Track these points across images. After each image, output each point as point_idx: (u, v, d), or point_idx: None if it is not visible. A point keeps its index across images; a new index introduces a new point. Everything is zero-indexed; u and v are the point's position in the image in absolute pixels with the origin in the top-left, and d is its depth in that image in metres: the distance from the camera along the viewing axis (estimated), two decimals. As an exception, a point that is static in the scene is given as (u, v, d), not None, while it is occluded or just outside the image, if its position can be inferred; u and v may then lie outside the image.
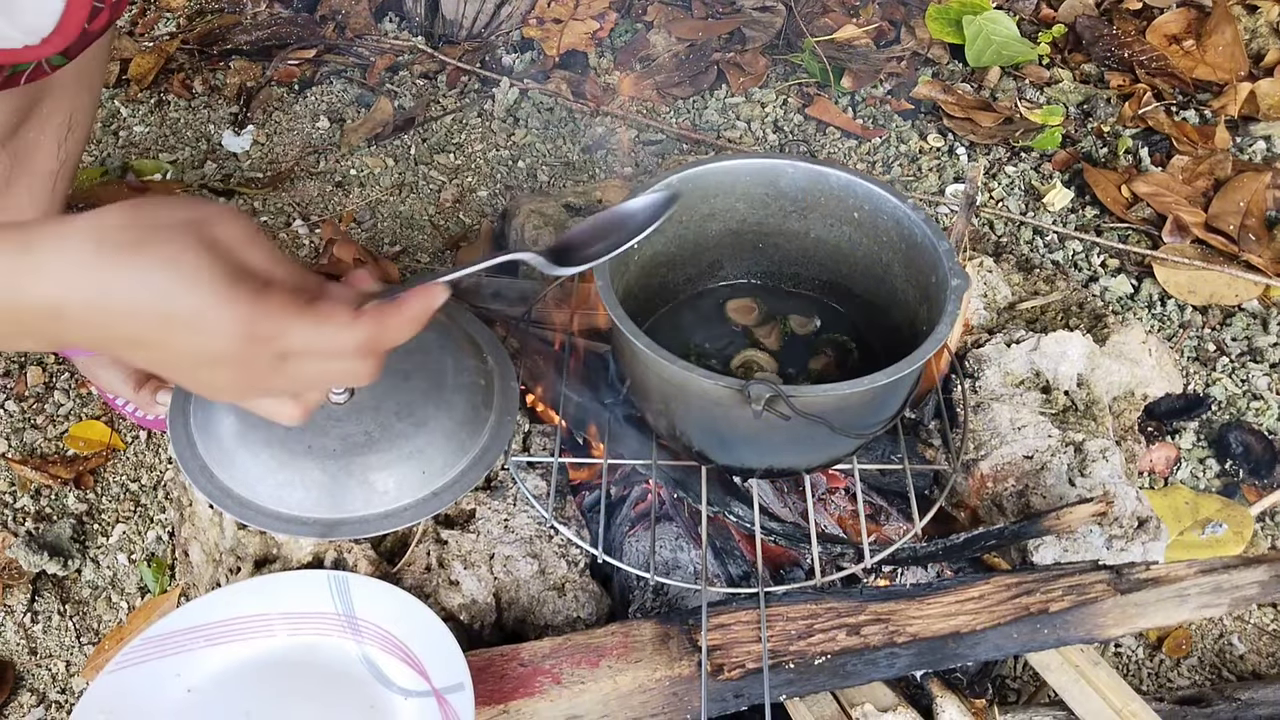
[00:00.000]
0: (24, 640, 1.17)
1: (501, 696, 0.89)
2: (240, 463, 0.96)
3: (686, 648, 0.92)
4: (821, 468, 1.04)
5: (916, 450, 1.12)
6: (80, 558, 1.23)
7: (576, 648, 0.92)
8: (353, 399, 0.97)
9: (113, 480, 1.30)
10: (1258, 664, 1.17)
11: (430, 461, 0.97)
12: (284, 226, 1.59)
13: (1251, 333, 1.49)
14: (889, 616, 0.93)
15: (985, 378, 1.17)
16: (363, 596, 0.94)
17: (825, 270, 1.11)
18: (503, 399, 1.05)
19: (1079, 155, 1.74)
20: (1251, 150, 1.74)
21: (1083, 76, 1.90)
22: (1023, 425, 1.12)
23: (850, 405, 0.88)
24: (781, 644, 0.92)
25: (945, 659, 0.92)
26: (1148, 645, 1.18)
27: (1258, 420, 1.38)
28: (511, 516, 1.05)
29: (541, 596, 1.02)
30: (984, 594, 0.94)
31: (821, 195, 1.05)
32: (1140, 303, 1.53)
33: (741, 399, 0.84)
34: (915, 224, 0.99)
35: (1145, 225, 1.62)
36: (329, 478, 0.94)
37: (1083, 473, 1.08)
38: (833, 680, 0.91)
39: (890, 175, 1.71)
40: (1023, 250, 1.53)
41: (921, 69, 1.89)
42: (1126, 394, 1.23)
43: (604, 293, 0.90)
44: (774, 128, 1.79)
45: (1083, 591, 0.94)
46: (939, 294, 0.94)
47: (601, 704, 0.90)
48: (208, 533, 1.04)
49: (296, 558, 0.99)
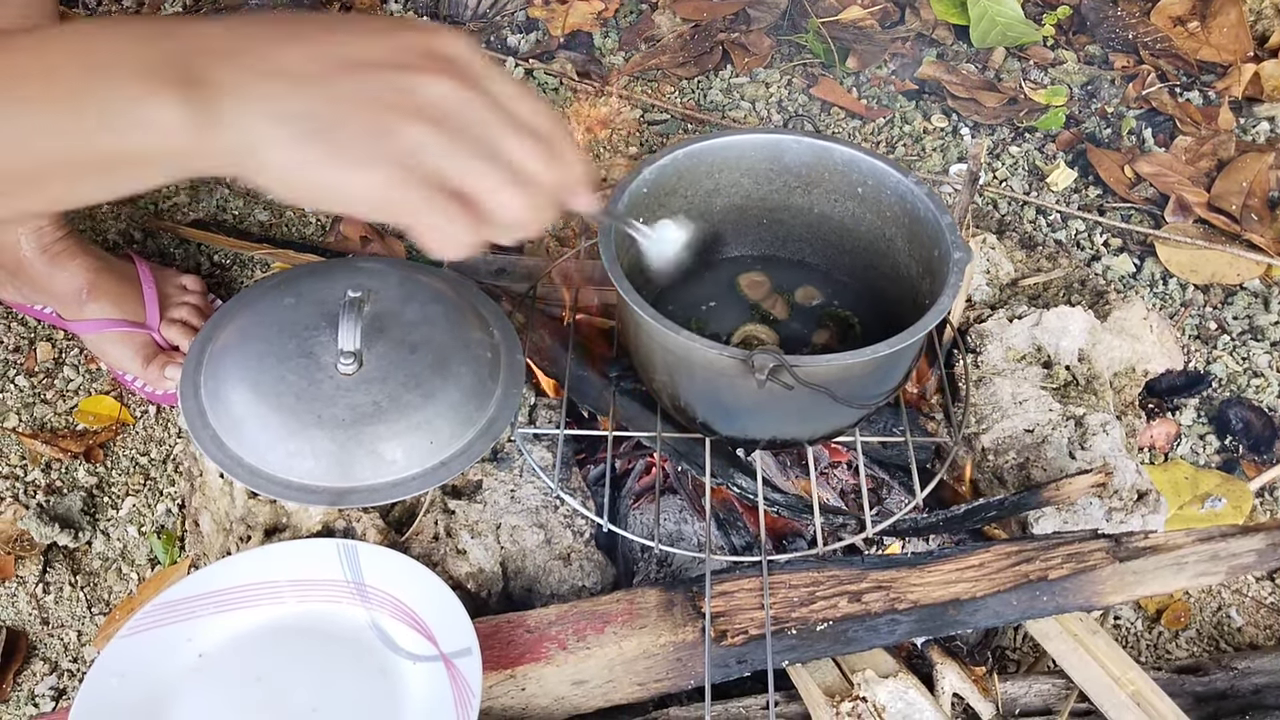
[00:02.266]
0: (36, 610, 1.18)
1: (509, 662, 0.91)
2: (250, 432, 0.97)
3: (690, 614, 0.93)
4: (824, 439, 1.05)
5: (918, 424, 1.13)
6: (91, 530, 1.24)
7: (582, 614, 0.94)
8: (361, 370, 0.98)
9: (122, 454, 1.31)
10: (1255, 636, 1.19)
11: (438, 432, 0.99)
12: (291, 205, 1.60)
13: (1253, 311, 1.49)
14: (890, 584, 0.94)
15: (987, 352, 1.18)
16: (372, 564, 0.95)
17: (829, 245, 1.11)
18: (509, 372, 1.06)
19: (1082, 136, 1.75)
20: (1255, 131, 1.74)
21: (1087, 58, 1.90)
22: (1024, 399, 1.13)
23: (853, 376, 0.89)
24: (784, 611, 0.93)
25: (945, 626, 0.93)
26: (1146, 618, 1.19)
27: (1258, 397, 1.39)
28: (518, 487, 1.06)
29: (547, 566, 1.03)
30: (984, 562, 0.95)
31: (825, 170, 1.06)
32: (1142, 281, 1.53)
33: (745, 369, 0.85)
34: (918, 198, 1.00)
35: (1148, 205, 1.63)
36: (338, 447, 0.95)
37: (1083, 446, 1.09)
38: (834, 647, 0.93)
39: (894, 155, 1.71)
40: (1026, 228, 1.53)
41: (926, 50, 1.89)
42: (1127, 370, 1.24)
43: (609, 265, 0.91)
44: (778, 108, 1.80)
45: (1082, 559, 0.95)
46: (941, 267, 0.95)
47: (607, 669, 0.92)
48: (218, 502, 1.06)
49: (306, 526, 1.00)
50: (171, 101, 0.50)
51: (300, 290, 1.06)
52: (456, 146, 0.53)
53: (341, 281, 1.03)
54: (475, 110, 0.54)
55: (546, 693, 0.91)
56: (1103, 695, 0.93)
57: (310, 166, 0.52)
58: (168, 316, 1.32)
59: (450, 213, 0.54)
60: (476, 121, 0.54)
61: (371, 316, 1.01)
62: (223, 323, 1.06)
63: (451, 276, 1.14)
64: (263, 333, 1.02)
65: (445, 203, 0.54)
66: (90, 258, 1.31)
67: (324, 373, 0.98)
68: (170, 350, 1.32)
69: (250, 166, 0.52)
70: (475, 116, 0.54)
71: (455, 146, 0.53)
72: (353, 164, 0.52)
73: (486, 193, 0.55)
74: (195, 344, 1.06)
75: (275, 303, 1.05)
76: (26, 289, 1.34)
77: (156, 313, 1.31)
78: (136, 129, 0.50)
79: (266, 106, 0.51)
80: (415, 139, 0.52)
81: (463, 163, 0.54)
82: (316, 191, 0.53)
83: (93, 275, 1.30)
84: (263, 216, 1.57)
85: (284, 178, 0.52)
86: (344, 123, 0.51)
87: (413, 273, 1.10)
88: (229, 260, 1.50)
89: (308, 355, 0.99)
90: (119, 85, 0.50)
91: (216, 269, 1.49)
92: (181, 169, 0.53)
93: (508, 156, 0.55)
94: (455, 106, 0.53)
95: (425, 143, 0.52)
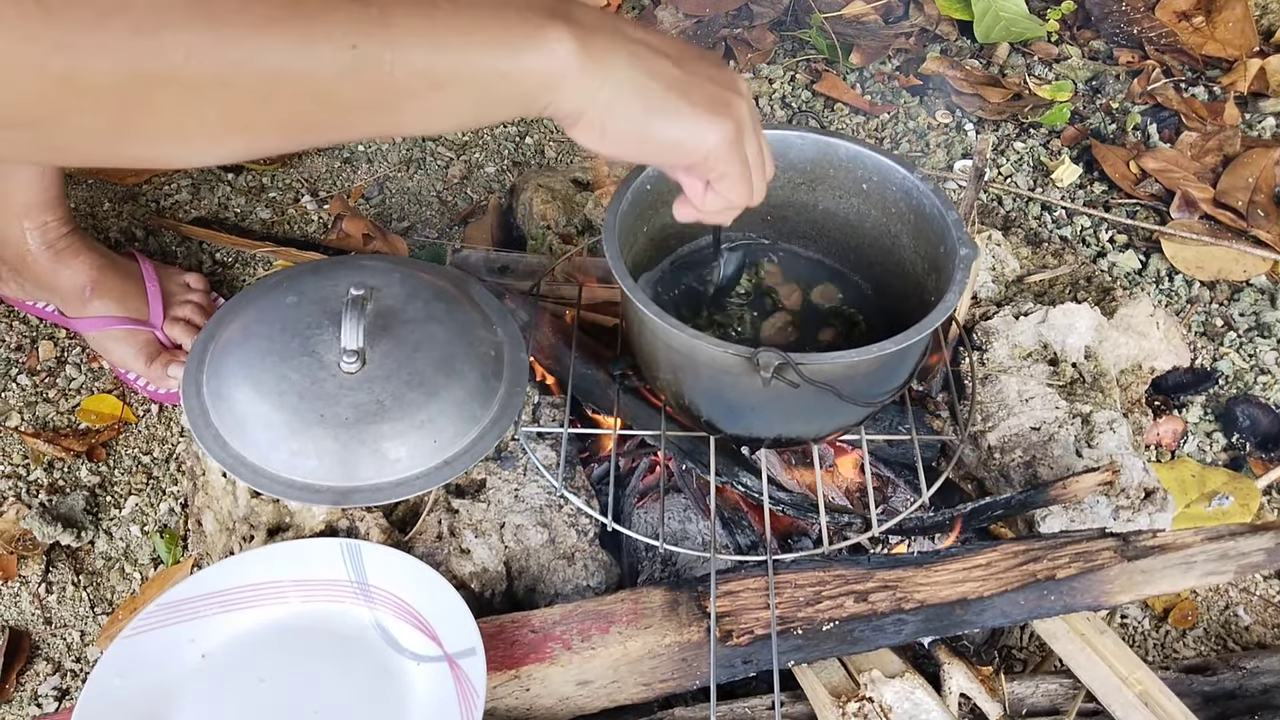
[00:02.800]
0: (39, 610, 1.18)
1: (513, 662, 0.90)
2: (253, 432, 0.97)
3: (695, 614, 0.93)
4: (829, 437, 1.05)
5: (924, 422, 1.13)
6: (93, 529, 1.24)
7: (587, 614, 0.93)
8: (365, 368, 0.98)
9: (125, 453, 1.31)
10: (1263, 635, 1.18)
11: (441, 431, 0.98)
12: (293, 202, 1.59)
13: (1259, 308, 1.49)
14: (896, 583, 0.94)
15: (993, 350, 1.17)
16: (375, 564, 0.94)
17: (834, 242, 1.11)
18: (512, 370, 1.05)
19: (1087, 131, 1.74)
20: (1261, 127, 1.73)
21: (1091, 53, 1.89)
22: (1030, 397, 1.12)
23: (858, 373, 0.88)
24: (790, 610, 0.92)
25: (952, 625, 0.92)
26: (1154, 617, 1.19)
27: (1265, 394, 1.39)
28: (522, 486, 1.05)
29: (552, 565, 1.02)
30: (991, 561, 0.95)
31: (830, 166, 1.05)
32: (1148, 278, 1.53)
33: (750, 367, 0.84)
34: (923, 194, 0.99)
35: (1153, 201, 1.62)
36: (341, 446, 0.95)
37: (1090, 444, 1.09)
38: (840, 647, 0.92)
39: (899, 151, 1.71)
40: (1031, 225, 1.53)
41: (930, 45, 1.88)
42: (1134, 367, 1.23)
43: (613, 262, 0.91)
44: (782, 104, 1.79)
45: (1089, 558, 0.94)
46: (947, 264, 0.94)
47: (611, 669, 0.91)
48: (221, 501, 1.05)
49: (309, 526, 1.00)
50: (566, 36, 0.60)
51: (303, 288, 1.05)
52: (759, 133, 0.71)
53: (344, 279, 1.03)
54: (753, 107, 0.71)
55: (551, 693, 0.91)
56: (1110, 695, 0.93)
57: (666, 106, 0.64)
58: (171, 315, 1.31)
59: (747, 181, 0.70)
60: (756, 119, 0.72)
61: (374, 314, 1.01)
62: (225, 321, 1.06)
63: (454, 274, 1.14)
64: (265, 331, 1.01)
65: (747, 171, 0.69)
66: (94, 255, 1.30)
67: (327, 371, 0.98)
68: (173, 348, 1.32)
69: (597, 110, 0.63)
70: (755, 113, 0.71)
71: (759, 133, 0.71)
72: (706, 109, 0.65)
73: (760, 180, 0.72)
74: (197, 342, 1.05)
75: (278, 301, 1.04)
76: (29, 286, 1.34)
77: (160, 311, 1.31)
78: (535, 53, 0.59)
79: (635, 61, 0.62)
80: (741, 110, 0.67)
81: (759, 141, 0.71)
82: (664, 128, 0.65)
83: (96, 272, 1.29)
84: (264, 214, 1.57)
85: (640, 116, 0.64)
86: (695, 85, 0.65)
87: (415, 270, 1.09)
88: (231, 258, 1.49)
89: (310, 354, 0.99)
90: (523, 14, 0.59)
91: (219, 267, 1.49)
92: (534, 102, 0.62)
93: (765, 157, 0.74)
94: (748, 98, 0.70)
95: (744, 115, 0.68)
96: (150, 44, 0.46)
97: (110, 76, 0.46)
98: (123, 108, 0.48)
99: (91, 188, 1.57)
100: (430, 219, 1.59)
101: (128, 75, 0.47)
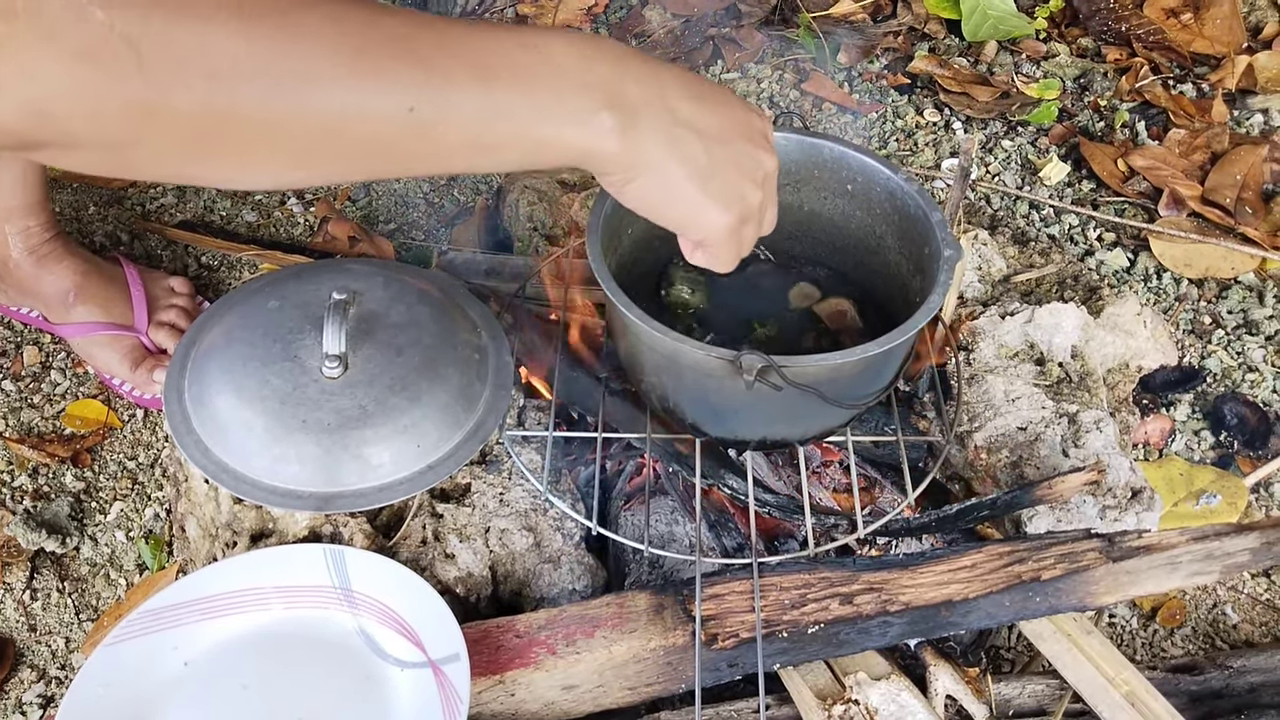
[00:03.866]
0: (23, 617, 1.18)
1: (497, 667, 0.90)
2: (235, 437, 0.96)
3: (681, 618, 0.92)
4: (815, 439, 1.04)
5: (910, 423, 1.12)
6: (78, 535, 1.23)
7: (572, 619, 0.93)
8: (347, 373, 0.97)
9: (110, 458, 1.30)
10: (1251, 633, 1.18)
11: (425, 435, 0.98)
12: (279, 205, 1.59)
13: (1247, 305, 1.49)
14: (882, 585, 0.93)
15: (979, 350, 1.17)
16: (359, 570, 0.94)
17: (819, 243, 1.10)
18: (497, 374, 1.05)
19: (1075, 129, 1.74)
20: (1249, 123, 1.73)
21: (1079, 51, 1.89)
22: (1016, 397, 1.12)
23: (843, 376, 0.88)
24: (775, 613, 0.92)
25: (938, 627, 0.92)
26: (1142, 616, 1.19)
27: (1253, 392, 1.39)
28: (507, 490, 1.05)
29: (537, 569, 1.02)
30: (976, 563, 0.94)
31: (814, 167, 1.05)
32: (1136, 276, 1.52)
33: (733, 370, 0.84)
34: (908, 195, 0.98)
35: (1141, 199, 1.62)
36: (323, 451, 0.95)
37: (1076, 444, 1.09)
38: (826, 649, 0.92)
39: (886, 150, 1.71)
40: (1018, 224, 1.52)
41: (918, 44, 1.88)
42: (1121, 366, 1.23)
43: (596, 265, 0.90)
44: (770, 103, 1.78)
45: (1074, 559, 0.94)
46: (932, 265, 0.94)
47: (597, 674, 0.91)
48: (204, 508, 1.05)
49: (292, 532, 0.99)
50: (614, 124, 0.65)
51: (285, 293, 1.05)
52: (765, 208, 0.78)
53: (327, 283, 1.02)
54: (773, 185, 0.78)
55: (536, 698, 0.91)
56: (1097, 696, 0.92)
57: (685, 192, 0.71)
58: (156, 319, 1.31)
59: (739, 245, 0.78)
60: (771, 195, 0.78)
61: (357, 319, 1.00)
62: (207, 326, 1.05)
63: (439, 277, 1.13)
64: (247, 336, 1.01)
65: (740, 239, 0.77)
66: (77, 260, 1.30)
67: (309, 376, 0.97)
68: (158, 353, 1.31)
69: (622, 175, 0.69)
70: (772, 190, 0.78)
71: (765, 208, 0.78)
72: (716, 202, 0.72)
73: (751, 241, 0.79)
74: (180, 348, 1.05)
75: (260, 305, 1.04)
76: (13, 291, 1.33)
77: (144, 315, 1.30)
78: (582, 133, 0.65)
79: (671, 148, 0.69)
80: (752, 201, 0.75)
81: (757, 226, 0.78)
82: (675, 209, 0.73)
83: (80, 278, 1.29)
84: (250, 217, 1.56)
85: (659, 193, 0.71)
86: (718, 174, 0.72)
87: (400, 274, 1.09)
88: (217, 262, 1.49)
89: (292, 359, 0.98)
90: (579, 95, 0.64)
91: (204, 270, 1.48)
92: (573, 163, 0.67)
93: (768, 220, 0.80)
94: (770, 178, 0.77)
95: (754, 205, 0.75)
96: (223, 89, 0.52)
97: (188, 111, 0.52)
98: (196, 138, 0.54)
99: (77, 191, 1.56)
100: (417, 221, 1.59)
101: (203, 111, 0.52)
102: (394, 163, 0.62)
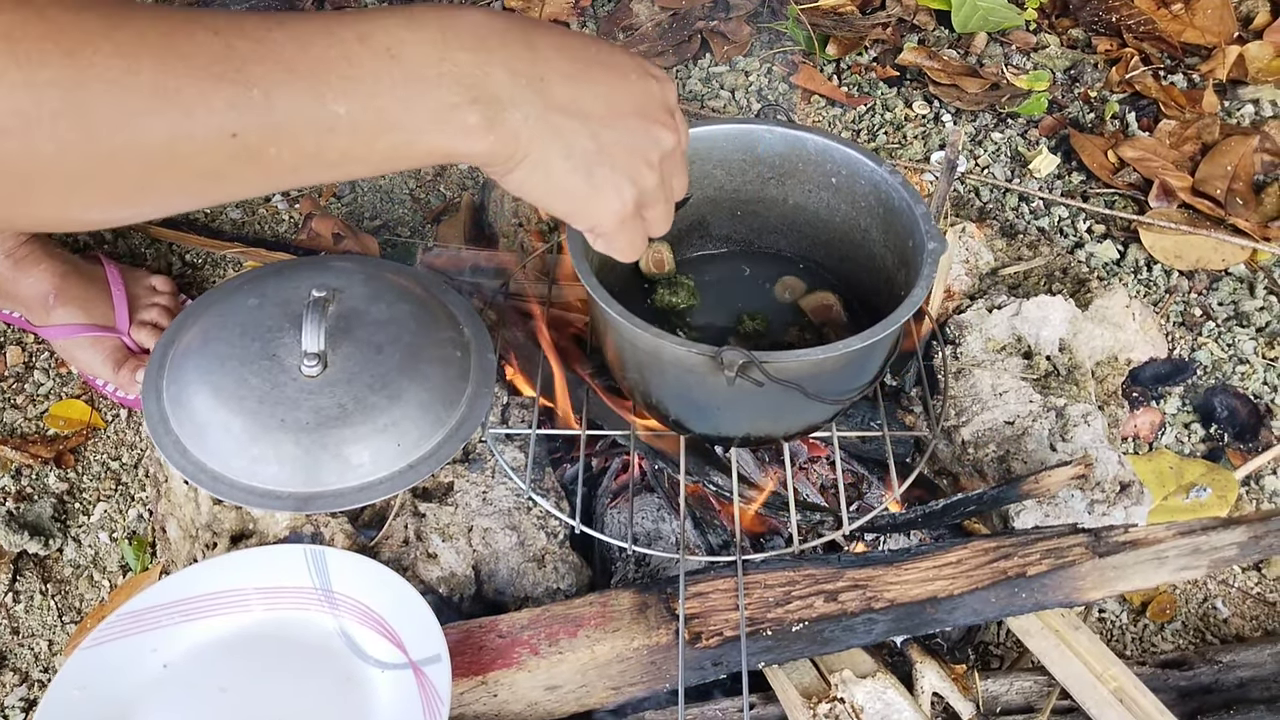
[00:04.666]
0: (6, 620, 1.17)
1: (479, 668, 0.89)
2: (214, 438, 0.95)
3: (664, 616, 0.92)
4: (800, 435, 1.03)
5: (896, 417, 1.12)
6: (62, 537, 1.22)
7: (555, 618, 0.92)
8: (326, 371, 0.96)
9: (93, 459, 1.29)
10: (1241, 627, 1.17)
11: (405, 434, 0.97)
12: (263, 202, 1.57)
13: (1238, 297, 1.48)
14: (866, 583, 0.93)
15: (966, 344, 1.16)
16: (340, 570, 0.93)
17: (804, 237, 1.10)
18: (480, 371, 1.04)
19: (1065, 121, 1.73)
20: (1239, 114, 1.72)
21: (1069, 41, 1.88)
22: (1004, 391, 1.11)
23: (825, 371, 0.87)
24: (759, 611, 0.91)
25: (923, 624, 0.91)
26: (1132, 610, 1.18)
27: (1243, 384, 1.38)
28: (490, 489, 1.04)
29: (521, 568, 1.01)
30: (961, 559, 0.94)
31: (799, 161, 1.04)
32: (1126, 268, 1.52)
33: (714, 366, 0.83)
34: (892, 188, 0.98)
35: (1132, 190, 1.61)
36: (303, 451, 0.94)
37: (1064, 438, 1.08)
38: (811, 647, 0.91)
39: (875, 143, 1.69)
40: (1007, 216, 1.52)
41: (907, 35, 1.87)
42: (1110, 359, 1.22)
43: (576, 262, 0.89)
44: (758, 96, 1.77)
45: (1060, 555, 0.93)
46: (916, 258, 0.93)
47: (580, 674, 0.90)
48: (184, 509, 1.04)
49: (273, 532, 0.98)
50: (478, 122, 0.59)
51: (265, 290, 1.04)
52: (663, 191, 0.72)
53: (308, 281, 1.01)
54: (679, 158, 0.73)
55: (518, 698, 0.90)
56: (1085, 692, 0.92)
57: (568, 183, 0.66)
58: (138, 319, 1.30)
59: (640, 231, 0.74)
60: (677, 168, 0.74)
61: (337, 316, 0.99)
62: (186, 325, 1.04)
63: (422, 274, 1.12)
64: (225, 335, 1.00)
65: (640, 224, 0.73)
66: (56, 262, 1.28)
67: (287, 375, 0.96)
68: (141, 353, 1.30)
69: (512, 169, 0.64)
70: (677, 164, 0.74)
71: (662, 191, 0.72)
72: (603, 191, 0.68)
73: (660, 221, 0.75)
74: (158, 347, 1.04)
75: (239, 304, 1.03)
76: (-8, 294, 1.32)
77: (126, 316, 1.29)
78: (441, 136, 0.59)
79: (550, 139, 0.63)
80: (647, 184, 0.70)
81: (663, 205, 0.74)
82: (559, 200, 0.68)
83: (59, 280, 1.28)
84: (235, 214, 1.55)
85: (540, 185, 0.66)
86: (606, 162, 0.67)
87: (381, 271, 1.08)
88: (200, 259, 1.48)
89: (271, 357, 0.97)
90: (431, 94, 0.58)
91: (188, 268, 1.47)
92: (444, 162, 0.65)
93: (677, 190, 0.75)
94: (671, 155, 0.71)
95: (650, 188, 0.70)
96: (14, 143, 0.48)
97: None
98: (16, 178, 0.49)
99: (59, 190, 1.55)
100: (403, 217, 1.58)
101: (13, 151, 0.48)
102: (240, 186, 0.56)
